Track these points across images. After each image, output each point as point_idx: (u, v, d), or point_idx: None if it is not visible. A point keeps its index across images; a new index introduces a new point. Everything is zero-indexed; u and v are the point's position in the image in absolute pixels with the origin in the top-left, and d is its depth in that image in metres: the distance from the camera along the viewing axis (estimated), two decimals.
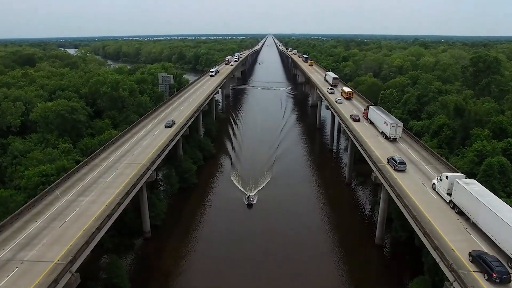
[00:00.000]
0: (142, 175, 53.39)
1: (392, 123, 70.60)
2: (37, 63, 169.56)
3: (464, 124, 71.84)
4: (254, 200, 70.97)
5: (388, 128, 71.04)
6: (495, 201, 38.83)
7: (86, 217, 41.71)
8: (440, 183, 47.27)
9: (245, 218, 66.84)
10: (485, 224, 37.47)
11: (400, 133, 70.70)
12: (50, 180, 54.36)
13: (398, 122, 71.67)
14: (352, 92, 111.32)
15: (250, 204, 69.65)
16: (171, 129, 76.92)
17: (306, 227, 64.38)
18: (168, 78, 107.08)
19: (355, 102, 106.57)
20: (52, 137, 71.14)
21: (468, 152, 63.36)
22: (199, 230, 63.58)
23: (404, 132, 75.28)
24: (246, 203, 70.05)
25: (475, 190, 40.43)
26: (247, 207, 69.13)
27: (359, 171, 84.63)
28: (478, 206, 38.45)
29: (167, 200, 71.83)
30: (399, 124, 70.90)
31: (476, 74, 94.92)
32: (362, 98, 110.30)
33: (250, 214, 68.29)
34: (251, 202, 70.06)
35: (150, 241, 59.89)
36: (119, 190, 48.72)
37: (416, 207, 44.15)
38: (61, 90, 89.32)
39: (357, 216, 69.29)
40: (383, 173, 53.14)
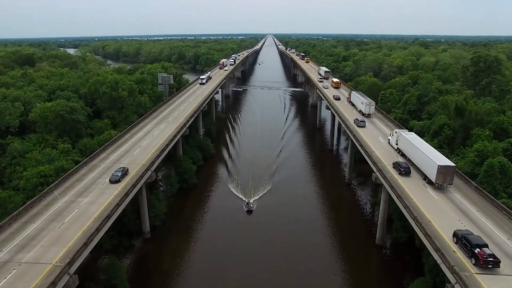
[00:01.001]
0: (142, 176, 53.12)
1: (366, 102, 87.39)
2: (37, 63, 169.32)
3: (465, 124, 71.56)
4: (253, 206, 69.50)
5: (363, 107, 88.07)
6: (420, 142, 58.29)
7: (85, 218, 41.43)
8: (391, 137, 66.81)
9: (244, 218, 66.49)
10: (414, 157, 56.87)
11: (373, 110, 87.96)
12: (48, 181, 54.16)
13: (371, 101, 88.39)
14: (340, 82, 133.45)
15: (250, 210, 68.23)
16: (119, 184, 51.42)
17: (306, 228, 64.08)
18: (168, 78, 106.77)
19: (342, 90, 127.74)
20: (51, 138, 70.88)
21: (468, 152, 63.12)
22: (199, 230, 63.30)
23: None
24: (246, 209, 68.53)
25: (410, 137, 59.84)
26: (247, 213, 67.77)
27: (359, 171, 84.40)
28: (410, 145, 57.93)
29: (166, 201, 71.69)
30: (372, 103, 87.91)
31: (476, 74, 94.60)
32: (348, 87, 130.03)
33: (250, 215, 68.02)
34: (250, 208, 68.58)
35: (150, 242, 59.64)
36: (118, 191, 48.44)
37: (417, 207, 43.90)
38: (60, 90, 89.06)
39: (357, 216, 69.05)
40: (383, 173, 52.84)
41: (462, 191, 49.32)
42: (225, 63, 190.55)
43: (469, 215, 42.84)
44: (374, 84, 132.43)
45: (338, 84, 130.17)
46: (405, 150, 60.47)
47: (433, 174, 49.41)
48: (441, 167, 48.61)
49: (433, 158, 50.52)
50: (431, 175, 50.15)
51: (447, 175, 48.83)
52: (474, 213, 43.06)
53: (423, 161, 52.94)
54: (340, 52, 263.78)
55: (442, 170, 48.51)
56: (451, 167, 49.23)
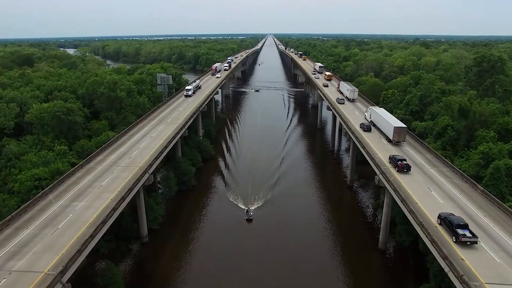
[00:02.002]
0: (139, 179, 51.80)
1: (350, 89, 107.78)
2: (35, 63, 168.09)
3: (469, 125, 70.21)
4: (253, 215, 66.47)
5: (348, 93, 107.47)
6: (385, 113, 76.84)
7: (79, 223, 40.11)
8: (367, 113, 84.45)
9: (244, 222, 65.16)
10: (380, 124, 74.66)
11: (356, 96, 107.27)
12: (43, 184, 52.93)
13: (355, 89, 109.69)
14: (331, 75, 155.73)
15: (250, 219, 65.39)
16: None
17: (307, 231, 62.83)
18: (167, 79, 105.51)
19: (333, 82, 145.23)
20: (48, 139, 69.57)
21: (473, 154, 61.76)
22: (197, 234, 62.00)
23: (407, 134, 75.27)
24: (246, 217, 65.71)
25: (378, 110, 78.58)
26: (247, 222, 65.04)
27: (360, 173, 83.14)
28: (378, 116, 75.73)
29: (165, 203, 70.27)
30: (355, 90, 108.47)
31: (479, 74, 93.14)
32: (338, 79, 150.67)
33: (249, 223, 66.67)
34: (250, 217, 65.69)
35: (147, 246, 58.39)
36: (115, 194, 47.10)
37: (422, 212, 42.56)
38: (58, 91, 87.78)
39: (359, 219, 67.76)
40: (387, 176, 51.53)
41: (468, 195, 47.95)
42: (218, 68, 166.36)
43: (477, 220, 41.46)
44: (375, 84, 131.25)
45: (330, 76, 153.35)
46: (375, 121, 78.13)
47: (391, 134, 67.58)
48: (396, 127, 66.73)
49: (391, 122, 69.30)
50: (389, 135, 68.46)
51: (401, 134, 66.80)
52: (482, 218, 41.68)
53: (385, 126, 71.15)
54: (340, 52, 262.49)
55: (397, 130, 66.47)
56: (404, 127, 67.92)
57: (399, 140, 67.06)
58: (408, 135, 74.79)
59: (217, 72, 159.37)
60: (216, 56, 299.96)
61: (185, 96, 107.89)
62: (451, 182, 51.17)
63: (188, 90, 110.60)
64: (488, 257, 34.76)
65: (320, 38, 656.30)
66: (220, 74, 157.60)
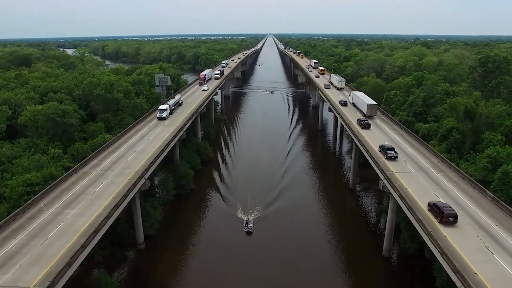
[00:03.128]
0: (134, 185, 49.83)
1: (338, 80, 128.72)
2: (34, 64, 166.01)
3: (475, 127, 68.24)
4: (253, 227, 61.85)
5: (337, 83, 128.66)
6: (362, 95, 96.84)
7: (70, 233, 38.19)
8: (350, 97, 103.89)
9: (243, 227, 63.21)
10: (358, 103, 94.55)
11: (343, 85, 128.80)
12: (35, 190, 50.99)
13: (343, 79, 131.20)
14: (324, 69, 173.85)
15: (249, 232, 60.74)
16: None
17: (309, 237, 60.96)
18: (165, 80, 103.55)
19: (326, 75, 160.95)
20: (42, 142, 67.62)
21: (480, 158, 59.76)
22: (196, 240, 60.12)
23: (411, 136, 73.90)
24: (245, 230, 61.01)
25: (358, 93, 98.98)
26: (246, 234, 60.43)
27: (363, 176, 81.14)
28: (357, 98, 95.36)
29: (162, 208, 68.15)
30: (343, 80, 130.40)
31: (484, 75, 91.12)
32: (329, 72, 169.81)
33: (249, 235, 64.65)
34: (250, 229, 60.94)
35: (144, 253, 56.46)
36: (109, 201, 45.17)
37: (430, 221, 40.59)
38: (53, 92, 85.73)
39: (362, 225, 65.74)
40: (392, 182, 49.55)
41: (477, 202, 45.94)
42: (207, 75, 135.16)
43: (489, 230, 39.47)
44: (377, 84, 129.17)
45: (323, 71, 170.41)
46: (356, 102, 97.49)
47: (365, 109, 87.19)
48: (369, 104, 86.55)
49: (365, 100, 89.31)
50: (363, 110, 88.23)
51: (372, 109, 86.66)
52: (494, 227, 39.71)
53: (361, 104, 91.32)
54: (341, 52, 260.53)
55: (369, 107, 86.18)
56: (374, 104, 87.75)
57: (371, 115, 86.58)
58: (411, 137, 73.21)
59: (205, 82, 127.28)
60: (216, 56, 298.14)
61: (158, 118, 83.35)
62: (459, 188, 49.21)
63: (162, 111, 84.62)
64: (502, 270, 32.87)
65: (320, 38, 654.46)
66: (208, 85, 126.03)
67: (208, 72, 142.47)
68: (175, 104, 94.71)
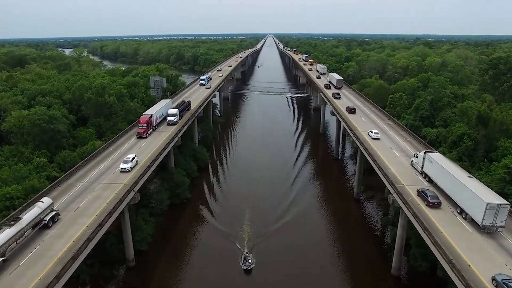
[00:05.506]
0: (122, 200, 45.56)
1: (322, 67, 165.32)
2: (27, 65, 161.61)
3: (488, 134, 64.01)
4: (252, 263, 51.46)
5: (320, 69, 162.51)
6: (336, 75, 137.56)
7: (45, 259, 34.02)
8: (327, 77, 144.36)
9: (240, 263, 58.07)
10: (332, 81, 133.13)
11: (325, 71, 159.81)
12: (15, 204, 46.95)
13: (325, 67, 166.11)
14: (313, 61, 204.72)
15: (249, 270, 50.53)
16: None
17: (312, 251, 56.65)
18: (161, 82, 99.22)
19: (314, 66, 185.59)
20: (27, 150, 63.52)
21: (496, 168, 55.51)
22: (190, 255, 55.94)
23: (420, 143, 69.64)
24: (244, 267, 50.76)
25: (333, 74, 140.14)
26: (244, 273, 50.59)
27: (367, 184, 76.91)
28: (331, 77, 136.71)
29: (155, 219, 63.60)
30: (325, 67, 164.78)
31: (495, 77, 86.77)
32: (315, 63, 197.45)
33: None
34: (249, 267, 50.72)
35: (134, 271, 52.23)
36: (92, 220, 40.98)
37: (449, 244, 36.24)
38: (42, 96, 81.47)
39: (369, 239, 61.28)
40: (404, 198, 45.21)
41: None
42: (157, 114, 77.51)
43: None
44: (380, 86, 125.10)
45: (312, 63, 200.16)
46: (330, 81, 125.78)
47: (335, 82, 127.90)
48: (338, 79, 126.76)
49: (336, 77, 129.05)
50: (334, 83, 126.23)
51: (340, 83, 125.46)
52: None
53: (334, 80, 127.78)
54: (342, 53, 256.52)
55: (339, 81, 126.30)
56: (341, 79, 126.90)
57: (339, 87, 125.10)
58: (421, 144, 68.98)
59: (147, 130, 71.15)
60: (215, 56, 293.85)
61: None
62: None
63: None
64: None
65: (321, 38, 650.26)
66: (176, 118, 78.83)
67: (164, 106, 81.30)
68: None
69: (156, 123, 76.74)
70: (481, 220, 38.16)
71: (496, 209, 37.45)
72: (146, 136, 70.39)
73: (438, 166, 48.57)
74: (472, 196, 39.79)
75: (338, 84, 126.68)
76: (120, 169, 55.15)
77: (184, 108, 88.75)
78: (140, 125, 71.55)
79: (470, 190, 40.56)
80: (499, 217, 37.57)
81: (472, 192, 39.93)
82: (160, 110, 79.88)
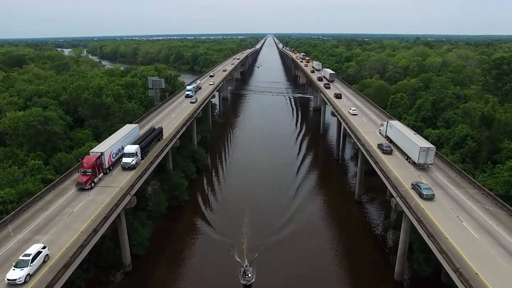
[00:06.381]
0: (117, 204, 44.33)
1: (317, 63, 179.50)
2: (25, 65, 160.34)
3: (492, 135, 62.86)
4: (252, 277, 47.67)
5: (316, 66, 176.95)
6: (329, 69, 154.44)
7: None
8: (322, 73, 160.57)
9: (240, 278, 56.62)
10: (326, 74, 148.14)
11: (321, 67, 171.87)
12: (8, 209, 45.81)
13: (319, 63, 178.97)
14: (310, 59, 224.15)
15: (248, 286, 47.17)
16: None
17: (312, 256, 55.48)
18: (159, 82, 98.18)
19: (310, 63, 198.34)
20: (22, 152, 62.28)
21: (501, 170, 54.35)
22: (189, 259, 54.72)
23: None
24: (243, 282, 47.18)
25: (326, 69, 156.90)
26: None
27: (368, 185, 75.68)
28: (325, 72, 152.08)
29: (153, 222, 62.36)
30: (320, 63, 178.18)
31: (498, 77, 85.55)
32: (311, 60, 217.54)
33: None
34: (248, 282, 47.13)
35: (130, 276, 50.97)
36: (86, 225, 39.76)
37: (456, 252, 35.03)
38: (38, 97, 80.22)
39: (370, 243, 59.99)
40: (407, 202, 43.99)
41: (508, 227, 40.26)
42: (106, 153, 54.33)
43: None
44: (381, 87, 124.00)
45: (309, 60, 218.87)
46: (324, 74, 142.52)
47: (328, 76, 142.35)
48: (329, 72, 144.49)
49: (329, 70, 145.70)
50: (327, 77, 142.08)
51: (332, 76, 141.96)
52: None
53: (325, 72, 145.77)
54: (342, 53, 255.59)
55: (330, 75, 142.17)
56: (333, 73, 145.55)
57: (331, 80, 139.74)
58: None
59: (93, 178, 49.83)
60: (214, 56, 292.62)
61: None
62: (483, 208, 43.77)
63: None
64: None
65: (320, 38, 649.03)
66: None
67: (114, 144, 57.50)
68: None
69: (110, 163, 54.84)
70: (417, 159, 55.24)
71: (426, 151, 54.40)
72: (91, 187, 48.69)
73: (395, 130, 65.51)
74: (412, 144, 57.35)
75: (331, 78, 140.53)
76: None
77: (152, 139, 65.83)
78: (83, 171, 49.17)
79: (411, 140, 57.72)
80: (429, 157, 54.55)
81: (412, 141, 57.30)
82: (118, 143, 58.47)
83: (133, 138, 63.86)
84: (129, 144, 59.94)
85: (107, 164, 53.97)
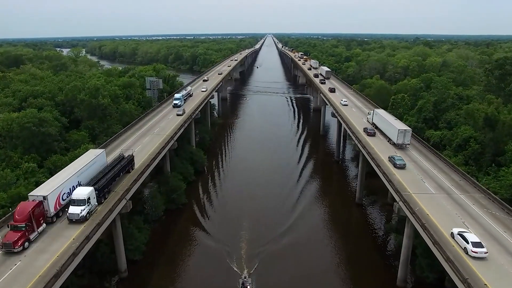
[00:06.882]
0: (112, 210, 43.04)
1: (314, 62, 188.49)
2: (22, 65, 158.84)
3: (496, 137, 61.59)
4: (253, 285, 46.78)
5: (313, 64, 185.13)
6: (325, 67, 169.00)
7: (26, 276, 31.47)
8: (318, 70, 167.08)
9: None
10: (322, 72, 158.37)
11: (318, 65, 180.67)
12: (0, 214, 44.36)
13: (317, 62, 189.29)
14: (307, 57, 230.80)
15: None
16: None
17: (312, 260, 54.21)
18: (157, 83, 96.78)
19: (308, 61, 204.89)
20: (16, 154, 60.87)
21: (506, 173, 53.11)
22: (186, 265, 53.41)
23: (426, 148, 67.62)
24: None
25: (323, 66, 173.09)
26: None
27: (369, 188, 74.34)
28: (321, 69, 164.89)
29: (150, 226, 61.01)
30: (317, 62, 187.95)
31: (501, 78, 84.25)
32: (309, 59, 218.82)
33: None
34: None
35: (126, 282, 49.68)
36: (79, 232, 38.41)
37: (462, 259, 33.75)
38: (34, 98, 78.81)
39: (371, 247, 58.66)
40: (411, 207, 42.70)
41: None
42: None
43: None
44: (382, 87, 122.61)
45: (306, 59, 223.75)
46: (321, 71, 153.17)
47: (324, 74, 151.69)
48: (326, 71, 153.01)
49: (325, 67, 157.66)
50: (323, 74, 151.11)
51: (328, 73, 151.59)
52: None
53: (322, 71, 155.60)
54: (342, 53, 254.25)
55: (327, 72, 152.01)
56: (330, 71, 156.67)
57: (327, 77, 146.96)
58: (426, 149, 66.64)
59: (27, 234, 35.63)
60: (214, 56, 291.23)
61: None
62: (489, 213, 42.49)
63: None
64: None
65: (320, 38, 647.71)
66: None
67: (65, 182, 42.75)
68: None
69: (58, 208, 40.77)
70: (395, 140, 64.74)
71: (404, 133, 63.86)
72: (23, 248, 34.97)
73: (380, 116, 74.93)
74: (392, 127, 67.06)
75: (327, 75, 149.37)
76: None
77: (118, 172, 50.72)
78: (13, 225, 35.54)
79: (391, 124, 67.66)
80: (406, 138, 63.95)
81: (392, 125, 67.20)
82: (73, 179, 44.26)
83: (97, 168, 49.70)
84: (90, 177, 46.78)
85: (53, 211, 39.55)
